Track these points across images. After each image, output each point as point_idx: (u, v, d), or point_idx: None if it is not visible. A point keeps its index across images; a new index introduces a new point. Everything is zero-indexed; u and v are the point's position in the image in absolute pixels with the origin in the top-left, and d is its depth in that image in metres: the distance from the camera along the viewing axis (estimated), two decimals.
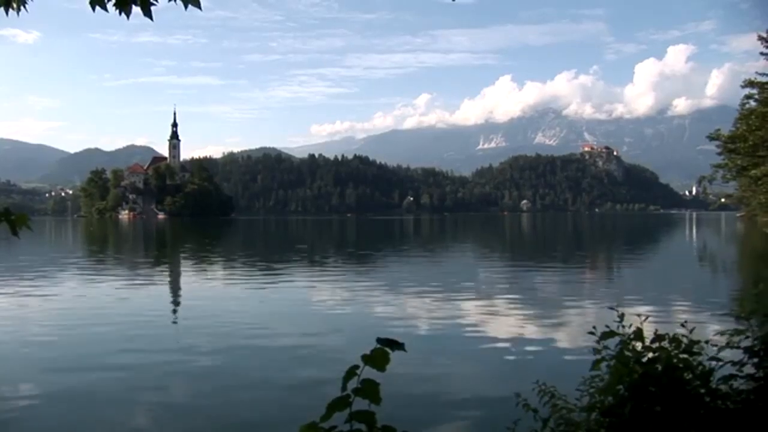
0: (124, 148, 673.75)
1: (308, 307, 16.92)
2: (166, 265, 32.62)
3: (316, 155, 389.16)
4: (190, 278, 25.04)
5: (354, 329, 13.74)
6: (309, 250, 43.84)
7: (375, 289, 20.48)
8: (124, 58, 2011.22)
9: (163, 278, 25.71)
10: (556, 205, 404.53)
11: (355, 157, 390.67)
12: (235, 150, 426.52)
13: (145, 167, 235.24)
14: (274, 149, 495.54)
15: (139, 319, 14.80)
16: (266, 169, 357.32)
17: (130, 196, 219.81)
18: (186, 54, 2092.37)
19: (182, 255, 40.35)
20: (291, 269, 28.09)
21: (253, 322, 14.48)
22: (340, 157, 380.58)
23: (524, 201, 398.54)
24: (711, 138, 65.06)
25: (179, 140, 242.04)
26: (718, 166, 66.30)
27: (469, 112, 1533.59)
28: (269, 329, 13.65)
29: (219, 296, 19.29)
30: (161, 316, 15.65)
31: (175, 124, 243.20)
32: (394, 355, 1.70)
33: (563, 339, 12.59)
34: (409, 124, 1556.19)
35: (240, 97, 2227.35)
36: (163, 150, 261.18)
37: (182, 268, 30.29)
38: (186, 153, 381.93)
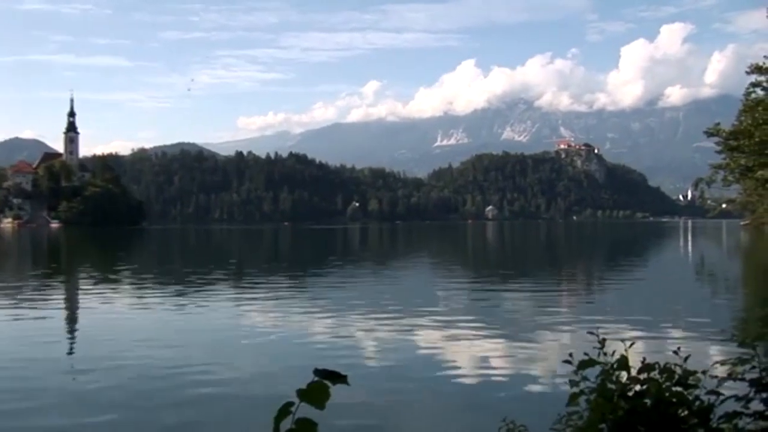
0: (5, 141, 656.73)
1: (234, 334, 16.71)
2: (58, 287, 31.81)
3: (245, 153, 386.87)
4: (88, 302, 24.41)
5: (288, 359, 13.64)
6: (235, 266, 43.42)
7: (314, 311, 20.41)
8: (5, 30, 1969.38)
9: (53, 303, 24.93)
10: (527, 211, 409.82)
11: (291, 155, 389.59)
12: (147, 146, 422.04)
13: (33, 165, 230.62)
14: (194, 145, 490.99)
15: (17, 356, 14.25)
16: (185, 169, 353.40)
17: (15, 201, 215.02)
18: (85, 28, 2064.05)
19: (79, 273, 39.52)
20: (213, 289, 27.75)
21: (166, 353, 14.22)
22: (273, 156, 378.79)
23: (489, 207, 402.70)
24: (710, 134, 65.89)
25: (77, 133, 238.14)
26: (718, 166, 67.47)
27: (425, 103, 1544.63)
28: (185, 361, 13.40)
29: (124, 325, 18.79)
30: (46, 350, 15.03)
31: (72, 114, 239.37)
32: (336, 390, 1.70)
33: (535, 368, 12.67)
34: (355, 116, 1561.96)
35: (153, 83, 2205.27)
36: (57, 145, 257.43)
37: (79, 290, 29.62)
38: (86, 149, 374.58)
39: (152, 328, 17.68)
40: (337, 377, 1.71)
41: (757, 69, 58.42)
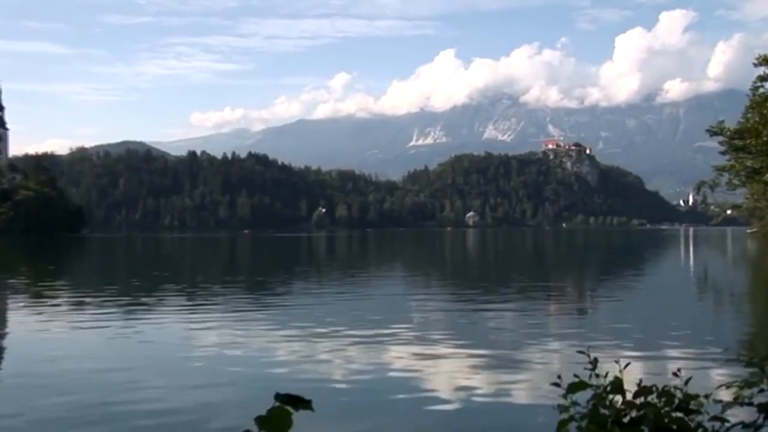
0: None
1: (185, 355, 16.57)
2: None
3: (198, 153, 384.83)
4: (9, 324, 24.16)
5: (246, 383, 13.59)
6: (188, 279, 43.17)
7: (275, 328, 20.34)
8: None
9: None
10: (512, 218, 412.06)
11: (251, 155, 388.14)
12: (89, 144, 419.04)
13: None
14: (142, 144, 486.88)
15: None
16: (131, 171, 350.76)
17: None
18: (16, 9, 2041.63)
19: (8, 288, 39.03)
20: (162, 305, 27.56)
21: (104, 380, 14.06)
22: (230, 156, 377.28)
23: (470, 213, 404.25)
24: (713, 132, 66.30)
25: (6, 129, 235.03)
26: (722, 168, 67.94)
27: (400, 98, 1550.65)
28: (128, 388, 13.25)
29: (53, 348, 18.42)
30: None
31: None
32: (299, 416, 1.69)
33: (520, 392, 12.68)
34: (322, 112, 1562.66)
35: (95, 73, 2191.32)
36: None
37: (7, 307, 29.26)
38: (17, 147, 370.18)
39: (88, 352, 17.32)
40: (301, 402, 1.69)
41: (765, 61, 58.54)
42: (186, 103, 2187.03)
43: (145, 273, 51.35)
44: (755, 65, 59.88)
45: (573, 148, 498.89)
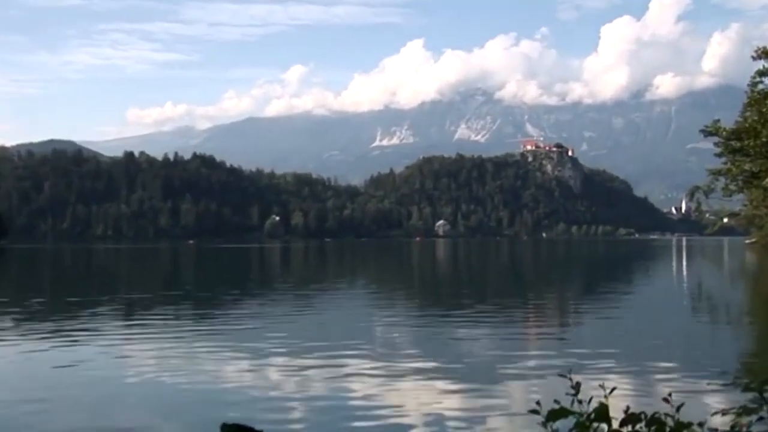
0: None
1: (119, 382, 16.47)
2: None
3: (137, 153, 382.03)
4: None
5: (189, 412, 13.53)
6: (123, 295, 42.90)
7: (222, 351, 20.33)
8: None
9: None
10: (486, 227, 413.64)
11: (196, 156, 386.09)
12: (9, 143, 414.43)
13: None
14: (71, 143, 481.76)
15: None
16: (58, 174, 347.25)
17: None
18: None
19: None
20: (93, 326, 27.29)
21: (25, 411, 13.92)
22: (172, 157, 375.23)
23: (440, 222, 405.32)
24: (707, 132, 66.83)
25: None
26: (718, 172, 68.58)
27: (362, 94, 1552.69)
28: (52, 420, 13.15)
29: None
30: None
31: None
32: None
33: (495, 420, 12.70)
34: (275, 109, 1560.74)
35: (16, 62, 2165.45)
36: None
37: None
38: None
39: (5, 378, 17.23)
40: None
41: (765, 53, 58.49)
42: (122, 97, 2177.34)
43: (73, 288, 51.02)
44: (754, 58, 60.03)
45: (554, 149, 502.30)
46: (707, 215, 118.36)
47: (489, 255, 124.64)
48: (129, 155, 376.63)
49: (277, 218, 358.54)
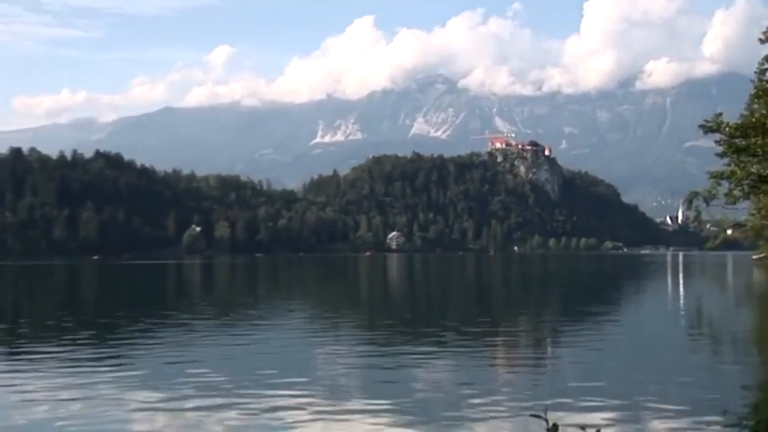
0: None
1: (5, 423, 16.23)
2: None
3: (25, 150, 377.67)
4: None
5: None
6: (4, 324, 42.56)
7: (129, 385, 20.23)
8: None
9: None
10: (448, 240, 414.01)
11: (99, 154, 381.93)
12: None
13: None
14: None
15: None
16: None
17: None
18: None
19: None
20: None
21: None
22: (69, 155, 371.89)
23: (393, 234, 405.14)
24: (708, 128, 66.99)
25: None
26: (720, 175, 68.68)
27: (301, 81, 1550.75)
28: None
29: None
30: None
31: None
32: None
33: None
34: (196, 98, 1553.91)
35: None
36: None
37: None
38: None
39: None
40: None
41: None
42: (6, 82, 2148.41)
43: None
44: (762, 41, 60.22)
45: (528, 148, 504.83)
46: (708, 226, 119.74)
47: (451, 273, 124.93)
48: (16, 152, 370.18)
49: (198, 229, 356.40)
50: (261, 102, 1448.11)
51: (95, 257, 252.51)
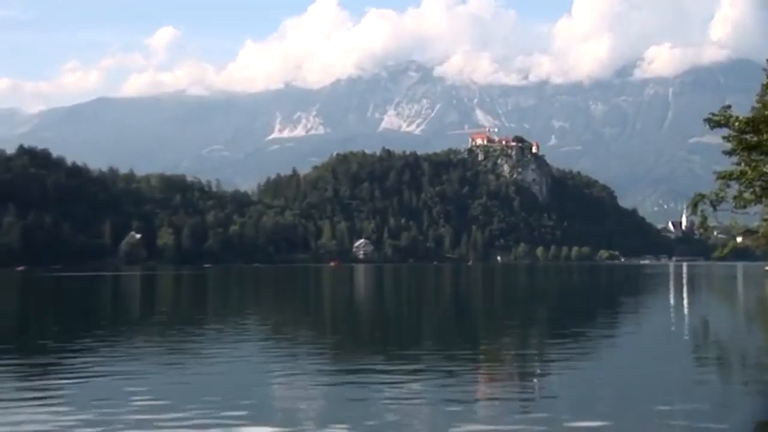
0: None
1: None
2: None
3: None
4: None
5: None
6: None
7: (54, 420, 19.99)
8: None
9: None
10: (422, 249, 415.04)
11: (23, 149, 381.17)
12: None
13: None
14: None
15: None
16: None
17: None
18: None
19: None
20: None
21: None
22: None
23: (360, 242, 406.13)
24: (715, 122, 67.54)
25: None
26: (729, 175, 69.23)
27: (255, 67, 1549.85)
28: None
29: None
30: None
31: None
32: None
33: None
34: (135, 87, 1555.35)
35: None
36: None
37: None
38: None
39: None
40: None
41: None
42: None
43: None
44: None
45: (512, 144, 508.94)
46: (715, 233, 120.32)
47: (425, 286, 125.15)
48: None
49: (138, 236, 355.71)
50: (209, 91, 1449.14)
51: (19, 268, 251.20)
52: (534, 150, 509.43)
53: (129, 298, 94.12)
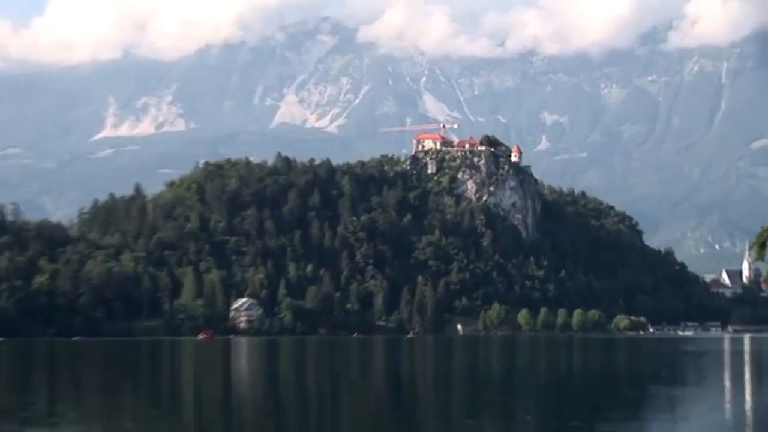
0: None
1: None
2: None
3: None
4: None
5: None
6: None
7: None
8: None
9: None
10: (339, 313, 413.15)
11: None
12: None
13: None
14: None
15: None
16: None
17: None
18: None
19: None
20: None
21: None
22: None
23: (242, 301, 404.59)
24: None
25: None
26: None
27: (75, 27, 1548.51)
28: None
29: None
30: None
31: None
32: None
33: None
34: None
35: None
36: None
37: None
38: None
39: None
40: None
41: None
42: None
43: None
44: None
45: (481, 149, 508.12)
46: None
47: (340, 377, 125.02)
48: None
49: None
50: (5, 62, 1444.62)
51: None
52: (514, 158, 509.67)
53: None
